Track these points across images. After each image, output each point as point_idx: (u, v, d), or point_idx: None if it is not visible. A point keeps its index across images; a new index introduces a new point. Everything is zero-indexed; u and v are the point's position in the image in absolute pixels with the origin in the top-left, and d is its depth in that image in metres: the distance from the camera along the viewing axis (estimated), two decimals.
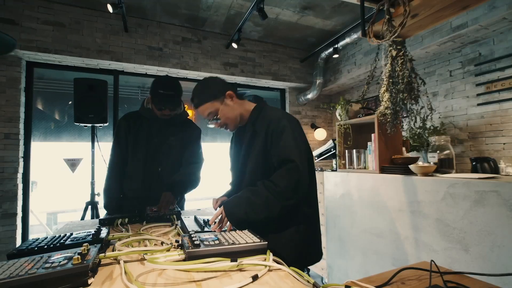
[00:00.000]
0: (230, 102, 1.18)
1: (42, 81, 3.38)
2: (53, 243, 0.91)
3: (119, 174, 1.65)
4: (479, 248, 1.26)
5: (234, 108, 1.19)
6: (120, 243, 0.96)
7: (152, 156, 1.62)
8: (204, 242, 0.87)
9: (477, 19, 2.37)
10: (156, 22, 3.47)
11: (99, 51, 3.15)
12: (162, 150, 1.63)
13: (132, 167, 1.64)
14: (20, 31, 2.82)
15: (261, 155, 1.13)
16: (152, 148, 1.62)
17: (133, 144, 1.63)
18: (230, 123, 1.20)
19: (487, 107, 2.65)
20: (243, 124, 1.24)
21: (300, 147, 1.08)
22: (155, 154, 1.62)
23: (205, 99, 1.16)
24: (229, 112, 1.18)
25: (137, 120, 1.65)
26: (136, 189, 1.63)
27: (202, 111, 1.18)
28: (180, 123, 1.71)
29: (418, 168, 1.57)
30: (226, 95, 1.17)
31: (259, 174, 1.13)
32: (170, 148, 1.65)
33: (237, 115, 1.20)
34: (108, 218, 1.34)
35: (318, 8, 3.22)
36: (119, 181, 1.65)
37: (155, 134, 1.63)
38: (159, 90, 1.52)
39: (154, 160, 1.62)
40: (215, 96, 1.16)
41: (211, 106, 1.16)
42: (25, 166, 3.01)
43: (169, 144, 1.64)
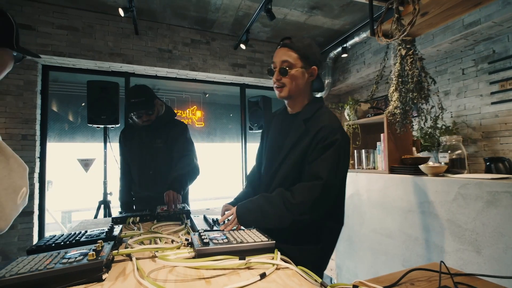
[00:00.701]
0: (307, 75, 1.07)
1: (57, 84, 3.49)
2: (69, 240, 0.95)
3: (128, 181, 1.86)
4: (491, 250, 1.24)
5: (304, 83, 1.08)
6: (132, 240, 0.99)
7: (144, 161, 1.76)
8: (213, 240, 0.89)
9: (491, 16, 2.31)
10: (165, 25, 3.53)
11: (111, 54, 3.23)
12: (151, 153, 1.75)
13: (133, 172, 1.82)
14: (36, 36, 2.93)
15: (301, 157, 1.05)
16: (143, 153, 1.76)
17: (130, 151, 1.80)
18: (289, 88, 1.07)
19: (502, 106, 2.58)
20: (292, 103, 1.14)
21: (339, 167, 1.01)
22: (146, 158, 1.76)
23: (297, 48, 1.04)
24: (299, 80, 1.06)
25: (130, 130, 1.82)
26: (138, 191, 1.81)
27: (283, 53, 1.06)
28: (165, 125, 1.79)
29: (428, 168, 1.55)
30: (311, 68, 1.08)
31: (292, 176, 1.07)
32: (157, 151, 1.76)
33: (301, 88, 1.08)
34: (120, 217, 1.38)
35: (326, 7, 3.21)
36: (129, 188, 1.86)
37: (144, 140, 1.76)
38: (131, 100, 1.62)
39: (146, 164, 1.76)
40: (307, 57, 1.05)
41: (295, 58, 1.04)
42: (41, 166, 3.11)
43: (155, 147, 1.75)
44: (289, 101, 1.15)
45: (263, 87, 4.43)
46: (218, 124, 4.33)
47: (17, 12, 2.87)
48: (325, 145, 0.99)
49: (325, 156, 0.99)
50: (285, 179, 1.09)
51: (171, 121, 1.83)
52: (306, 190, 0.99)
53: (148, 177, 1.75)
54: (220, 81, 4.11)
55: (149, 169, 1.76)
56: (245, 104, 4.26)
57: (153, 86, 3.99)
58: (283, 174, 1.10)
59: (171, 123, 1.83)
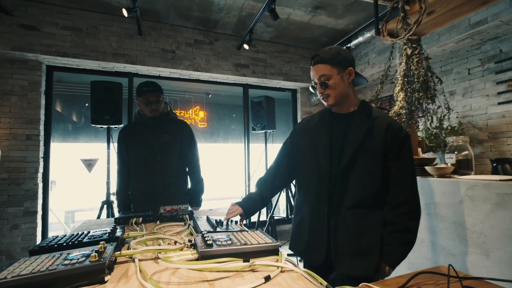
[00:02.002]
0: (346, 78, 1.12)
1: (61, 84, 3.51)
2: (71, 241, 0.94)
3: (126, 180, 1.86)
4: (500, 253, 1.21)
5: (346, 86, 1.13)
6: (135, 241, 0.98)
7: (150, 155, 1.78)
8: (216, 242, 0.88)
9: (498, 15, 2.28)
10: (169, 25, 3.53)
11: (114, 55, 3.24)
12: (158, 147, 1.79)
13: (135, 169, 1.82)
14: (41, 36, 2.94)
15: (381, 157, 1.07)
16: (150, 148, 1.79)
17: (133, 148, 1.81)
18: (334, 96, 1.12)
19: (509, 106, 2.54)
20: (340, 107, 1.18)
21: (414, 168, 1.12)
22: (153, 153, 1.79)
23: (328, 60, 1.10)
24: (341, 85, 1.11)
25: (132, 128, 1.86)
26: (141, 188, 1.81)
27: (317, 69, 1.12)
28: (169, 121, 1.88)
29: (434, 169, 1.52)
30: (347, 70, 1.12)
31: (377, 177, 1.08)
32: (165, 145, 1.81)
33: (344, 93, 1.13)
34: (123, 217, 1.37)
35: (330, 7, 3.19)
36: (127, 185, 1.86)
37: (148, 135, 1.80)
38: (143, 88, 1.75)
39: (153, 158, 1.78)
40: (338, 64, 1.11)
41: (329, 69, 1.10)
42: (45, 166, 3.13)
43: (163, 141, 1.81)
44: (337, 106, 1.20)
45: (266, 87, 4.41)
46: (221, 125, 4.32)
47: (22, 12, 2.89)
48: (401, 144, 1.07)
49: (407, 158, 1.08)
50: (363, 174, 1.08)
51: (174, 119, 1.93)
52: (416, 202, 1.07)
53: (154, 170, 1.78)
54: (223, 81, 4.11)
55: (155, 162, 1.79)
56: (248, 104, 4.25)
57: None
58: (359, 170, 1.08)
59: (175, 120, 1.93)
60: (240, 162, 4.25)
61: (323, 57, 1.11)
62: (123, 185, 1.86)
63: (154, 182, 1.77)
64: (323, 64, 1.10)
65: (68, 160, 3.54)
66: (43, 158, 3.09)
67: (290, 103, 4.69)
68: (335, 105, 1.16)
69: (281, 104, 4.64)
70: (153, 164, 1.78)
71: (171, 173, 1.82)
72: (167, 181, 1.79)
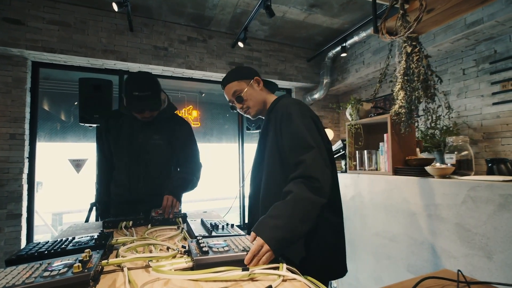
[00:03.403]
0: (256, 86, 1.19)
1: (48, 82, 3.38)
2: (53, 248, 0.87)
3: (107, 178, 1.57)
4: (504, 255, 1.18)
5: (259, 93, 1.19)
6: (124, 248, 0.90)
7: (135, 158, 1.49)
8: (212, 248, 0.81)
9: (494, 15, 2.28)
10: (161, 22, 3.44)
11: (104, 51, 3.13)
12: (147, 150, 1.49)
13: (116, 171, 1.53)
14: (25, 31, 2.81)
15: (275, 147, 1.06)
16: (136, 148, 1.48)
17: (115, 145, 1.50)
18: (253, 107, 1.18)
19: (503, 107, 2.55)
20: (263, 115, 1.23)
21: (312, 132, 0.99)
22: (139, 155, 1.49)
23: (232, 78, 1.18)
24: (254, 94, 1.18)
25: (118, 119, 1.52)
26: (122, 194, 1.51)
27: (228, 89, 1.19)
28: (166, 120, 1.55)
29: (435, 170, 1.49)
30: (254, 79, 1.19)
31: (277, 171, 1.05)
32: (155, 148, 1.50)
33: (261, 100, 1.19)
34: (112, 221, 1.29)
35: (326, 5, 3.16)
36: (107, 186, 1.57)
37: (137, 134, 1.49)
38: (134, 92, 1.34)
39: (139, 162, 1.49)
40: (243, 77, 1.19)
41: (237, 84, 1.18)
42: (30, 167, 2.99)
43: (153, 143, 1.50)
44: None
45: None
46: (215, 124, 4.25)
47: (5, 5, 2.75)
48: (285, 122, 1.02)
49: (291, 129, 1.00)
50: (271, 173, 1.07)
51: (173, 117, 1.61)
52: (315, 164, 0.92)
53: (139, 177, 1.49)
54: (217, 80, 4.03)
55: (141, 168, 1.49)
56: None
57: None
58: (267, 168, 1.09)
59: (173, 119, 1.60)
60: (234, 163, 4.19)
61: (229, 78, 1.19)
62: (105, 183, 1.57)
63: (138, 190, 1.50)
64: (231, 83, 1.18)
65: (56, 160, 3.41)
66: (28, 158, 2.96)
67: None
68: (257, 115, 1.22)
69: None
70: (138, 169, 1.49)
71: (158, 182, 1.51)
72: (154, 191, 1.48)
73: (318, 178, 0.89)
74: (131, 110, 1.43)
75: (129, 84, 1.37)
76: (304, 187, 0.89)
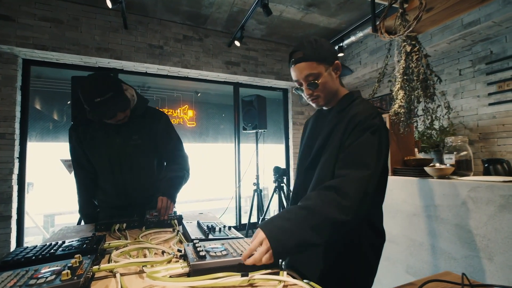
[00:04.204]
0: (334, 73, 0.99)
1: (40, 80, 3.29)
2: (42, 254, 0.82)
3: (89, 192, 1.48)
4: (505, 256, 1.17)
5: (335, 82, 0.99)
6: (116, 253, 0.86)
7: (118, 163, 1.40)
8: (210, 253, 0.78)
9: (491, 15, 2.28)
10: (156, 20, 3.39)
11: (98, 49, 3.06)
12: (128, 152, 1.40)
13: (101, 179, 1.45)
14: (16, 27, 2.74)
15: (337, 150, 0.91)
16: (115, 153, 1.38)
17: (92, 155, 1.40)
18: (324, 96, 0.98)
19: (499, 107, 2.56)
20: (329, 106, 1.05)
21: (380, 155, 0.86)
22: (121, 159, 1.39)
23: (312, 57, 0.93)
24: (329, 83, 0.97)
25: (88, 126, 1.39)
26: (112, 201, 1.45)
27: (302, 68, 0.95)
28: (141, 116, 1.43)
29: (435, 170, 1.48)
30: (334, 64, 0.98)
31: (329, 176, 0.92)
32: (136, 149, 1.40)
33: (334, 90, 1.00)
34: (105, 223, 1.24)
35: (323, 5, 3.14)
36: (90, 199, 1.49)
37: (113, 138, 1.38)
38: (95, 99, 1.18)
39: (122, 167, 1.40)
40: (325, 59, 0.95)
41: (316, 67, 0.94)
42: (21, 167, 2.91)
43: (133, 145, 1.40)
44: None
45: (257, 86, 4.33)
46: (211, 124, 4.21)
47: None
48: (362, 129, 0.86)
49: (364, 140, 0.84)
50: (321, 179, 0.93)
51: (147, 111, 1.48)
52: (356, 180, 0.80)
53: (124, 182, 1.42)
54: (213, 79, 3.99)
55: (127, 173, 1.41)
56: (238, 103, 4.15)
57: (143, 83, 3.83)
58: (318, 174, 0.95)
59: (147, 114, 1.47)
60: (231, 163, 4.15)
61: (306, 54, 0.94)
62: (87, 195, 1.48)
63: (127, 194, 1.43)
64: (308, 62, 0.94)
65: (47, 160, 3.32)
66: (18, 159, 2.88)
67: (281, 103, 4.62)
68: (325, 105, 1.04)
69: (272, 103, 4.56)
70: (123, 174, 1.41)
71: (145, 182, 1.45)
72: (144, 193, 1.43)
73: (352, 197, 0.78)
74: (100, 119, 1.30)
75: (86, 92, 1.19)
76: (329, 201, 0.78)
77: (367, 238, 0.94)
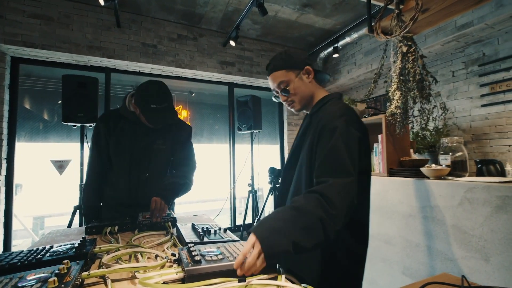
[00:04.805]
0: (306, 78, 1.04)
1: (30, 79, 3.21)
2: (28, 259, 0.78)
3: (99, 182, 1.51)
4: (501, 257, 1.17)
5: (308, 86, 1.05)
6: (107, 257, 0.83)
7: (137, 162, 1.46)
8: (205, 257, 0.75)
9: (483, 18, 2.31)
10: (150, 18, 3.34)
11: (89, 47, 3.00)
12: (149, 154, 1.47)
13: (115, 174, 1.49)
14: (4, 24, 2.66)
15: (309, 155, 0.94)
16: (138, 152, 1.46)
17: (115, 149, 1.46)
18: (298, 101, 1.05)
19: (492, 108, 2.59)
20: (308, 109, 1.09)
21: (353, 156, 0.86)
22: (142, 159, 1.47)
23: (280, 66, 1.04)
24: (301, 87, 1.04)
25: (118, 121, 1.47)
26: (120, 197, 1.48)
27: (274, 78, 1.05)
28: (170, 125, 1.54)
29: (431, 171, 1.48)
30: (304, 69, 1.04)
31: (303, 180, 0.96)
32: (158, 152, 1.49)
33: (308, 94, 1.05)
34: (96, 226, 1.20)
35: (318, 5, 3.14)
36: (99, 190, 1.52)
37: (140, 138, 1.46)
38: (152, 105, 1.31)
39: (141, 166, 1.47)
40: (292, 66, 1.04)
41: (285, 74, 1.03)
42: (9, 168, 2.83)
43: (157, 148, 1.48)
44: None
45: (252, 86, 4.31)
46: (205, 125, 4.16)
47: None
48: (327, 132, 0.89)
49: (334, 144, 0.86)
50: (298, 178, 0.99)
51: (175, 122, 1.58)
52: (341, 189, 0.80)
53: (141, 181, 1.47)
54: (208, 79, 3.95)
55: (143, 173, 1.47)
56: (233, 103, 4.12)
57: (137, 83, 3.76)
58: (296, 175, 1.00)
59: (176, 123, 1.58)
60: (225, 164, 4.11)
61: (276, 64, 1.04)
62: (97, 187, 1.50)
63: (138, 195, 1.47)
64: (278, 71, 1.04)
65: (37, 161, 3.24)
66: (6, 159, 2.79)
67: (276, 104, 4.61)
68: (302, 109, 1.09)
69: (267, 104, 4.55)
70: (140, 173, 1.47)
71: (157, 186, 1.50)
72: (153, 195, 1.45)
73: (337, 206, 0.77)
74: (149, 123, 1.40)
75: (146, 96, 1.33)
76: (318, 204, 0.78)
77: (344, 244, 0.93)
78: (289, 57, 1.05)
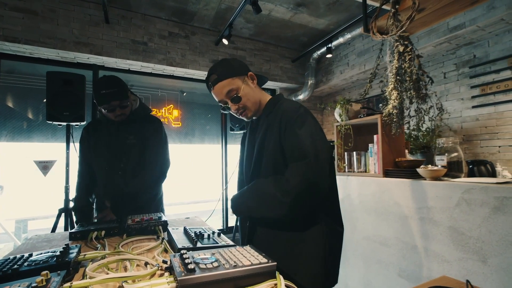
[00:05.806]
0: (251, 83, 1.06)
1: (12, 76, 3.06)
2: (2, 270, 0.71)
3: (88, 185, 1.62)
4: (499, 259, 1.16)
5: (255, 91, 1.07)
6: (92, 266, 0.76)
7: (112, 160, 1.55)
8: (199, 265, 0.70)
9: (475, 20, 2.33)
10: (140, 15, 3.24)
11: (76, 43, 2.88)
12: (123, 150, 1.56)
13: (98, 173, 1.60)
14: None
15: (278, 151, 0.97)
16: (113, 151, 1.55)
17: (95, 152, 1.58)
18: (250, 107, 1.06)
19: (482, 110, 2.63)
20: (257, 116, 1.11)
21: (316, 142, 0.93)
22: (116, 157, 1.55)
23: (225, 75, 1.02)
24: (250, 93, 1.04)
25: (96, 126, 1.62)
26: (102, 195, 1.58)
27: (220, 88, 1.02)
28: (139, 120, 1.61)
29: (427, 172, 1.46)
30: (248, 75, 1.06)
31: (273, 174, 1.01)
32: (130, 148, 1.56)
33: (257, 99, 1.07)
34: (80, 231, 1.13)
35: (312, 5, 3.12)
36: (88, 193, 1.63)
37: (114, 136, 1.56)
38: (101, 91, 1.42)
39: (115, 164, 1.56)
40: (237, 73, 1.03)
41: (232, 82, 1.02)
42: None
43: (128, 144, 1.56)
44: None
45: None
46: (197, 125, 4.09)
47: None
48: (294, 122, 0.95)
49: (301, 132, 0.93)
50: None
51: (146, 117, 1.66)
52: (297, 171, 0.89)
53: (117, 177, 1.55)
54: (200, 79, 3.88)
55: (118, 168, 1.56)
56: None
57: (126, 81, 3.62)
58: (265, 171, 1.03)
59: (146, 118, 1.66)
60: (217, 164, 4.04)
61: (221, 73, 1.03)
62: (85, 189, 1.61)
63: (116, 189, 1.54)
64: (224, 80, 1.02)
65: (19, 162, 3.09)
66: None
67: None
68: (254, 115, 1.10)
69: None
70: (116, 171, 1.55)
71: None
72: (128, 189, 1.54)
73: (291, 182, 0.88)
74: (100, 106, 1.47)
75: (97, 85, 1.45)
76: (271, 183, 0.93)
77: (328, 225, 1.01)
78: (230, 65, 1.05)
